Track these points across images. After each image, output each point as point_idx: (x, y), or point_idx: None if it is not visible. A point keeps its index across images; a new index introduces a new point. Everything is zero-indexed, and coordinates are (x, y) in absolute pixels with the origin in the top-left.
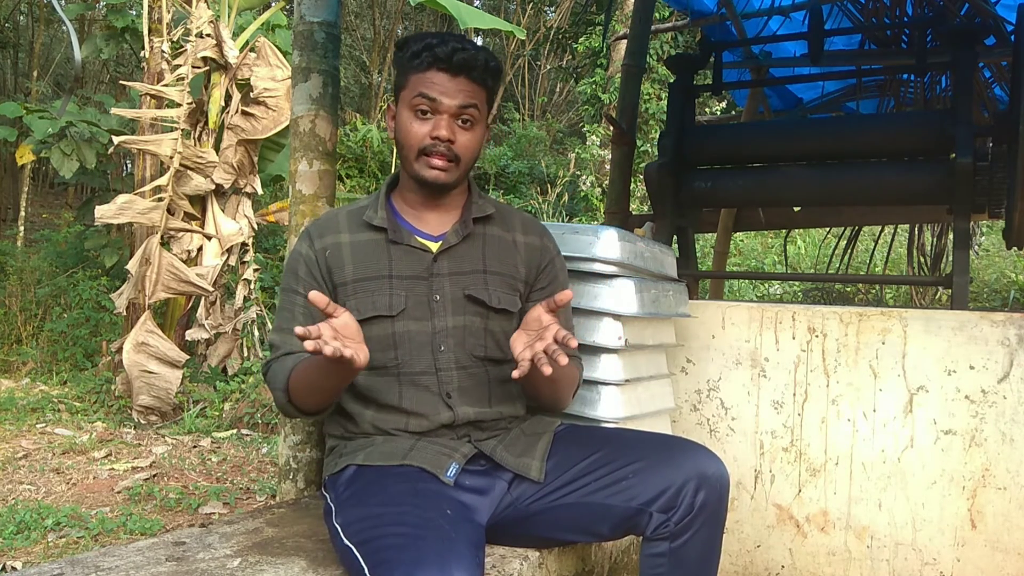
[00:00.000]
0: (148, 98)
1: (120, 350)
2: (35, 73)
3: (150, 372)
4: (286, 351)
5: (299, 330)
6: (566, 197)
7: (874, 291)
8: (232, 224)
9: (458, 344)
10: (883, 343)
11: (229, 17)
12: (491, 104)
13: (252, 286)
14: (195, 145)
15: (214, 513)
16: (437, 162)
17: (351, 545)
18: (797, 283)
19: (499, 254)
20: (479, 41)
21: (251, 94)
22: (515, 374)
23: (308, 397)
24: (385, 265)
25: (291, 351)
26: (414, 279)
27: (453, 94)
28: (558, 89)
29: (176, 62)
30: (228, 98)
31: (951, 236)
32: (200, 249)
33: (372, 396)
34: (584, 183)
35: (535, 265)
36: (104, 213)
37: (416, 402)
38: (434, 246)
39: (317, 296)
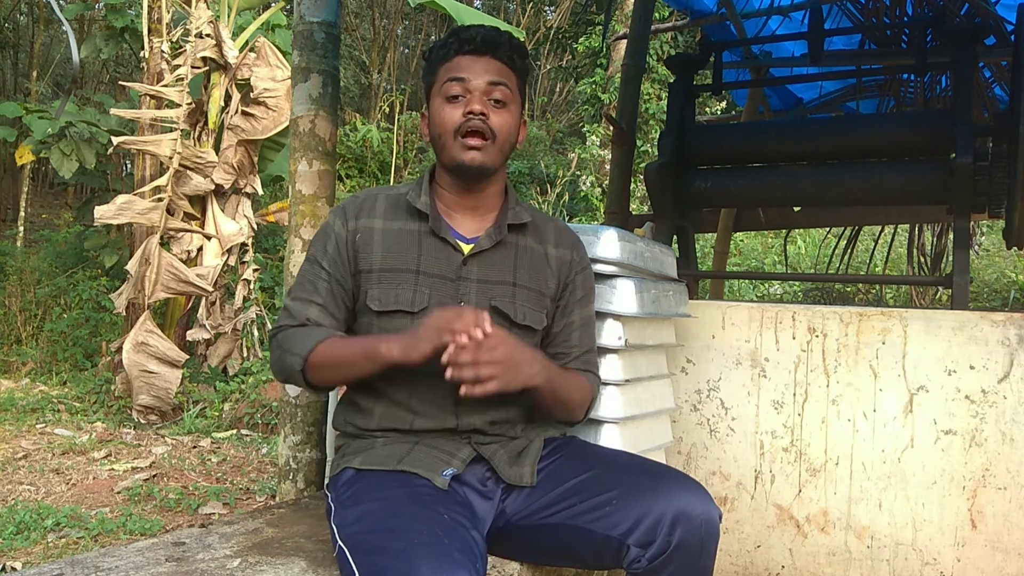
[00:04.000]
0: (148, 98)
1: (120, 350)
2: (35, 73)
3: (150, 372)
4: (302, 320)
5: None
6: (566, 197)
7: (874, 291)
8: (232, 224)
9: None
10: (883, 343)
11: (229, 17)
12: (523, 90)
13: (252, 286)
14: (195, 145)
15: (214, 513)
16: (473, 141)
17: (345, 548)
18: (797, 283)
19: (530, 268)
20: None
21: (251, 94)
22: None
23: (330, 376)
24: (414, 259)
25: (307, 321)
26: (441, 279)
27: (481, 73)
28: (558, 89)
29: (176, 62)
30: (228, 98)
31: (951, 236)
32: (200, 249)
33: (383, 392)
34: (584, 183)
35: (564, 279)
36: (103, 213)
37: (424, 403)
38: (466, 248)
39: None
